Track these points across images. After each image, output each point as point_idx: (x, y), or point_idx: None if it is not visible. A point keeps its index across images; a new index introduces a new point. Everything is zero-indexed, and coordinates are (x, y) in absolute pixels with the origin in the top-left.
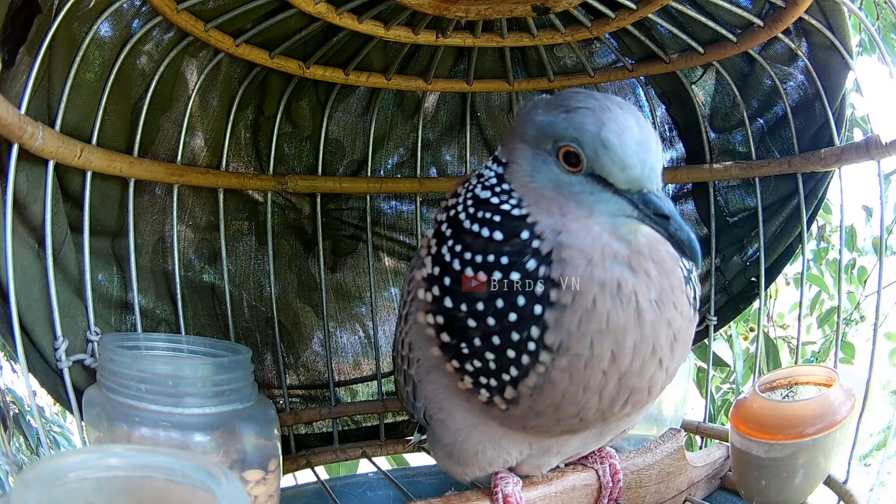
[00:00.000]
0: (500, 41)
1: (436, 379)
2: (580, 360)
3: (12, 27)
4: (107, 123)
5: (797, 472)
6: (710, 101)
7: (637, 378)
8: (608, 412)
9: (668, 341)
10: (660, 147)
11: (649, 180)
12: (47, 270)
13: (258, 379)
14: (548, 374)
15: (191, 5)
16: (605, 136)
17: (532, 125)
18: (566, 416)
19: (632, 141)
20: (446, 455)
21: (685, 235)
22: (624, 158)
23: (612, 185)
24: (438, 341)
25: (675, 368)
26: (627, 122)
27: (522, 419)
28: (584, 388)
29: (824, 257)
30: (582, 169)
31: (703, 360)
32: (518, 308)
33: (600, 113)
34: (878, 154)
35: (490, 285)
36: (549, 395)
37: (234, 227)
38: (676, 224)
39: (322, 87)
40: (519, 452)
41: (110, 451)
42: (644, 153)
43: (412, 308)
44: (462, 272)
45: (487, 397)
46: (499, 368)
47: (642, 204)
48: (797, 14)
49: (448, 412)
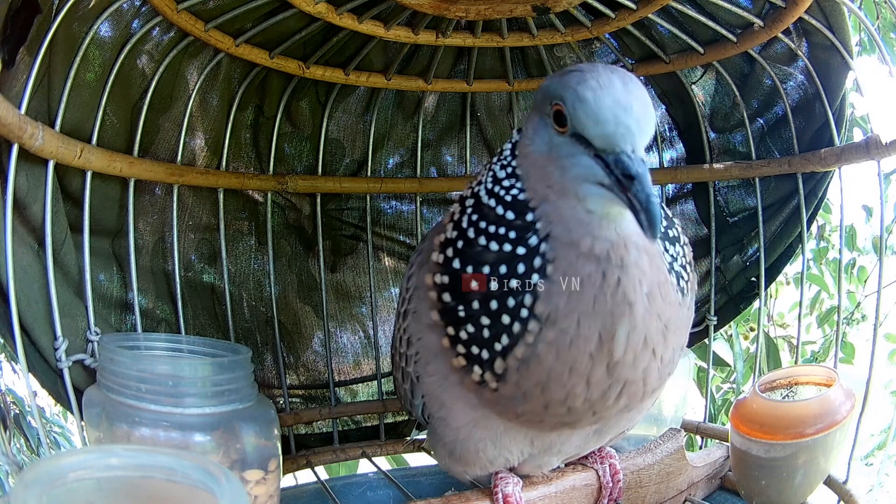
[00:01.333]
0: (500, 41)
1: (435, 371)
2: (566, 336)
3: (12, 27)
4: (107, 123)
5: (797, 472)
6: (710, 101)
7: (630, 369)
8: (599, 405)
9: (660, 332)
10: (647, 113)
11: (623, 140)
12: (47, 270)
13: (258, 379)
14: (535, 346)
15: (191, 5)
16: (581, 90)
17: (540, 91)
18: (554, 402)
19: (608, 98)
20: (447, 454)
21: (644, 196)
22: (597, 112)
23: (591, 145)
24: (439, 304)
25: (670, 357)
26: (610, 81)
27: (511, 403)
28: (570, 370)
29: (824, 257)
30: (567, 129)
31: (704, 360)
32: (518, 275)
33: (587, 73)
34: (878, 154)
35: (498, 255)
36: (535, 371)
37: (234, 227)
38: (639, 185)
39: (322, 87)
40: (520, 452)
41: (110, 451)
42: (620, 111)
43: (415, 289)
44: (475, 240)
45: (479, 375)
46: (491, 336)
47: (614, 163)
48: (797, 14)
49: (449, 408)
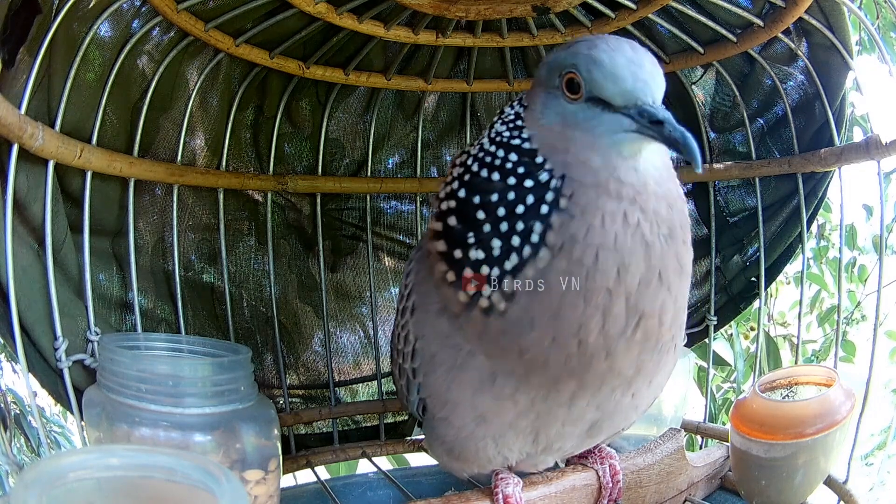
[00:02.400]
0: (500, 41)
1: (442, 360)
2: (581, 268)
3: (12, 27)
4: (107, 123)
5: (797, 472)
6: (710, 101)
7: (649, 302)
8: (614, 343)
9: (676, 273)
10: (657, 68)
11: (643, 93)
12: (47, 270)
13: (258, 379)
14: (546, 273)
15: (191, 5)
16: (595, 54)
17: (545, 67)
18: (564, 333)
19: (622, 57)
20: (445, 452)
21: (679, 134)
22: (614, 71)
23: (610, 104)
24: (445, 230)
25: (683, 303)
26: (619, 44)
27: (519, 331)
28: (584, 299)
29: (824, 256)
30: (582, 95)
31: (704, 360)
32: (527, 204)
33: (595, 40)
34: (878, 154)
35: (505, 185)
36: (546, 295)
37: (234, 227)
38: (670, 126)
39: (322, 87)
40: (520, 450)
41: (110, 451)
42: (635, 67)
43: (415, 286)
44: (479, 173)
45: (488, 298)
46: (501, 255)
47: (638, 116)
48: (797, 14)
49: (453, 406)
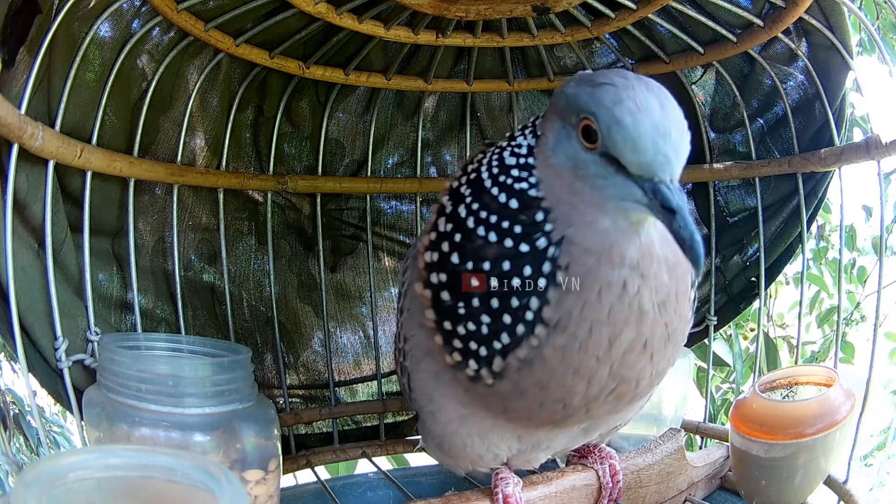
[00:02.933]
0: (500, 41)
1: (427, 367)
2: (576, 342)
3: (12, 27)
4: (107, 123)
5: (797, 472)
6: (710, 101)
7: (628, 369)
8: (593, 403)
9: (663, 340)
10: (685, 138)
11: (662, 169)
12: (47, 270)
13: (258, 379)
14: (540, 349)
15: (191, 5)
16: (619, 113)
17: (563, 97)
18: (550, 401)
19: (647, 123)
20: (436, 446)
21: (688, 234)
22: (636, 140)
23: (625, 168)
24: (435, 301)
25: (664, 367)
26: (648, 103)
27: (505, 400)
28: (574, 371)
29: (824, 257)
30: (598, 146)
31: (703, 360)
32: (523, 276)
33: (622, 90)
34: (878, 154)
35: (500, 250)
36: (538, 371)
37: (234, 227)
38: (682, 221)
39: (322, 87)
40: (508, 448)
41: (110, 451)
42: (660, 139)
43: (409, 286)
44: (474, 231)
45: (475, 370)
46: (491, 334)
47: (651, 193)
48: (797, 14)
49: (438, 404)
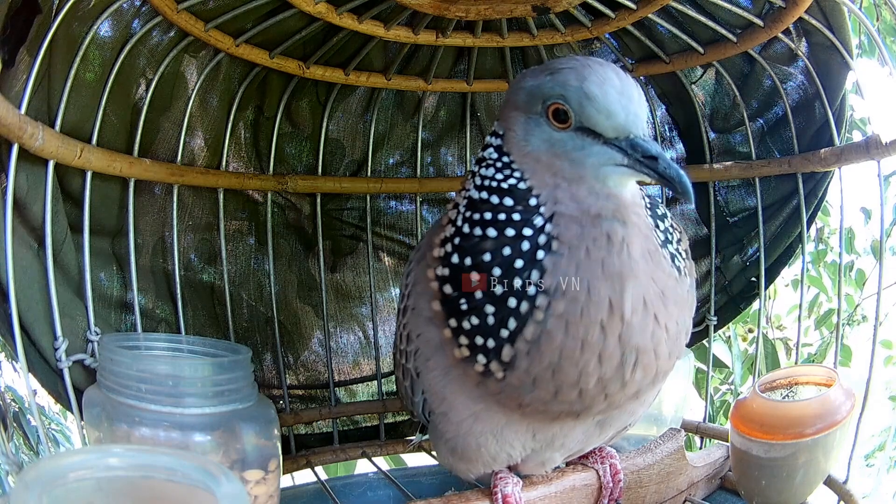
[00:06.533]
0: (500, 41)
1: (435, 366)
2: (576, 305)
3: (12, 27)
4: (107, 123)
5: (797, 472)
6: (710, 101)
7: (640, 335)
8: (612, 384)
9: (658, 296)
10: (643, 97)
11: (634, 125)
12: (47, 270)
13: (258, 379)
14: (545, 323)
15: (191, 5)
16: (587, 88)
17: (523, 91)
18: (565, 385)
19: (613, 90)
20: (449, 451)
21: (674, 172)
22: (607, 106)
23: (601, 135)
24: (440, 295)
25: (675, 332)
26: (607, 75)
27: (519, 392)
28: (582, 343)
29: (822, 259)
30: (570, 124)
31: (703, 362)
32: (523, 253)
33: (581, 70)
34: (878, 154)
35: (500, 242)
36: (546, 350)
37: (234, 227)
38: (665, 163)
39: (322, 87)
40: (522, 446)
41: (110, 451)
42: (626, 101)
43: (414, 285)
44: (471, 233)
45: (484, 365)
46: (497, 323)
47: (630, 149)
48: (797, 14)
49: (450, 403)
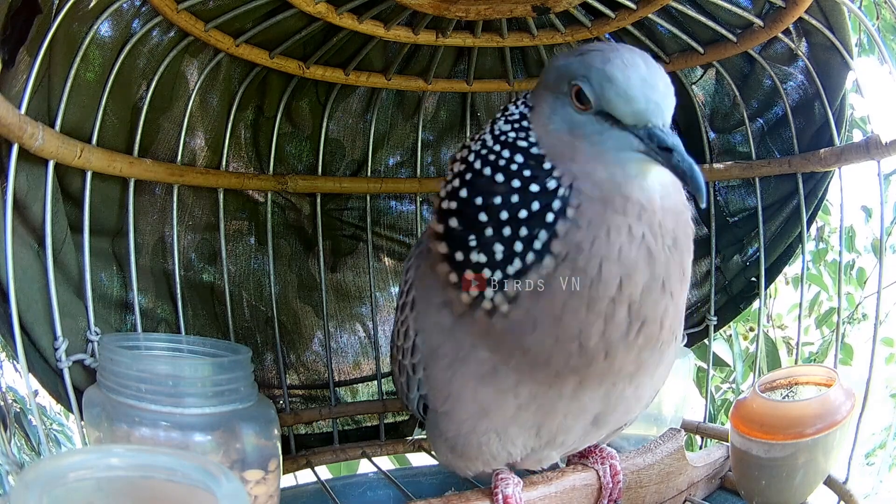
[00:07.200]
0: (500, 41)
1: (445, 353)
2: (586, 278)
3: (12, 27)
4: (107, 123)
5: (797, 472)
6: (710, 101)
7: (650, 308)
8: (614, 348)
9: (679, 279)
10: (670, 89)
11: (654, 115)
12: (47, 270)
13: (258, 379)
14: (550, 280)
15: (191, 5)
16: (609, 70)
17: (553, 70)
18: (566, 337)
19: (636, 76)
20: (449, 449)
21: (687, 166)
22: (628, 91)
23: (620, 121)
24: (447, 229)
25: (683, 304)
26: (633, 61)
27: (520, 334)
28: (586, 306)
29: (823, 258)
30: (591, 107)
31: (703, 360)
32: (531, 209)
33: (608, 52)
34: (878, 154)
35: (508, 189)
36: (549, 301)
37: (234, 227)
38: (679, 156)
39: (322, 87)
40: (523, 444)
41: (110, 451)
42: (648, 89)
43: (414, 281)
44: (481, 171)
45: (490, 300)
46: (504, 259)
47: (647, 138)
48: (797, 14)
49: (455, 398)
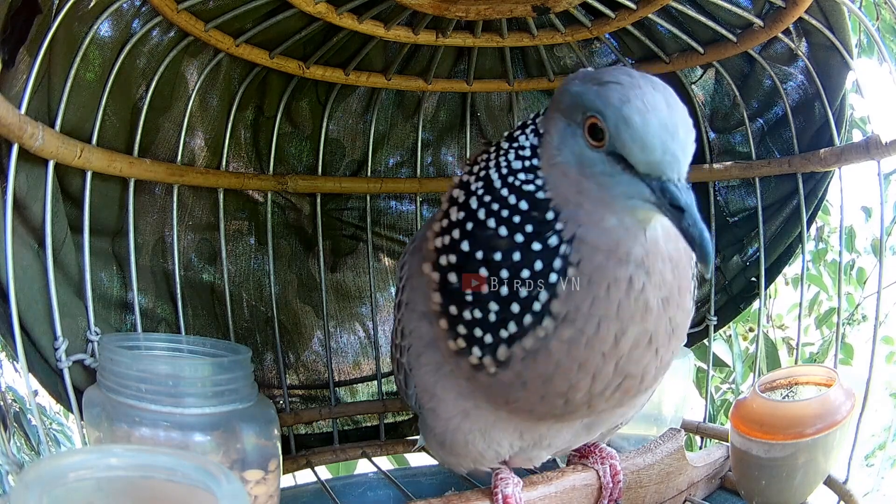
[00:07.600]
0: (500, 41)
1: (428, 360)
2: (582, 337)
3: (12, 27)
4: (107, 123)
5: (797, 472)
6: (710, 101)
7: (634, 364)
8: (597, 399)
9: (667, 335)
10: (690, 136)
11: (670, 167)
12: (47, 270)
13: (258, 379)
14: (547, 341)
15: (191, 5)
16: (627, 112)
17: (567, 94)
18: (553, 394)
19: (655, 122)
20: (438, 445)
21: (697, 232)
22: (644, 139)
23: (633, 166)
24: (442, 283)
25: (668, 360)
26: (655, 102)
27: (507, 390)
28: (579, 366)
29: (823, 258)
30: (605, 145)
31: (703, 361)
32: (534, 269)
33: (629, 89)
34: (878, 154)
35: (510, 244)
36: (543, 364)
37: (234, 227)
38: (690, 219)
39: (322, 87)
40: (510, 445)
41: (110, 451)
42: (668, 137)
43: (409, 279)
44: (485, 222)
45: (478, 358)
46: (498, 322)
47: (660, 191)
48: (797, 14)
49: (439, 399)
